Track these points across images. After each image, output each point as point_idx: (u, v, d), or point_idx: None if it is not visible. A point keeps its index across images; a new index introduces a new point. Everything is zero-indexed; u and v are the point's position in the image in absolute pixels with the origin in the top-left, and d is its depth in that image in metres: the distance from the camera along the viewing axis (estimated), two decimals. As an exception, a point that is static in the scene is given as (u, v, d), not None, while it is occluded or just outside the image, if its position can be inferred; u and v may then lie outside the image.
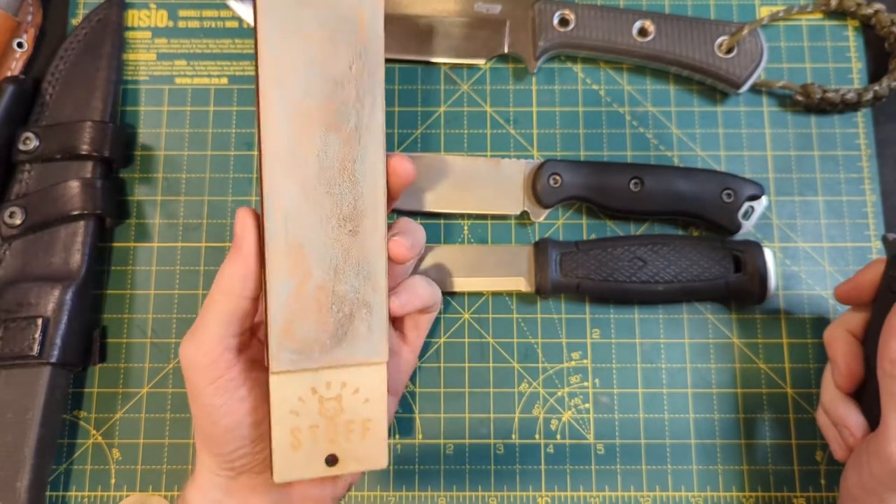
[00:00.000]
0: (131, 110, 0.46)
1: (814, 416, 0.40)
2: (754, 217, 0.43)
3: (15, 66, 0.46)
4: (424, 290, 0.35)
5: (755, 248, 0.42)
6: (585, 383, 0.43)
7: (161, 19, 0.48)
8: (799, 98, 0.45)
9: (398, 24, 0.46)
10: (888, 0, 0.46)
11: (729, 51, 0.45)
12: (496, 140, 0.46)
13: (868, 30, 0.47)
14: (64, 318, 0.40)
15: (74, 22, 0.47)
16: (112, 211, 0.43)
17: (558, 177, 0.43)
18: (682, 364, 0.43)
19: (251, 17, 0.46)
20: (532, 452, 0.42)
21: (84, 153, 0.42)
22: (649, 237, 0.42)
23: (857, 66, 0.47)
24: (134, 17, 0.48)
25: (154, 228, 0.45)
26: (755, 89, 0.46)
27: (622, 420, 0.42)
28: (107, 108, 0.44)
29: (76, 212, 0.42)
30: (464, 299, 0.44)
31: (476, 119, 0.46)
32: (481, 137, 0.46)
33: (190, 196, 0.45)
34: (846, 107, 0.45)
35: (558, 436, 0.42)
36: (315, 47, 0.30)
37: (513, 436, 0.42)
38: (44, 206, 0.42)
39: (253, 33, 0.30)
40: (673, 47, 0.45)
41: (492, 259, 0.43)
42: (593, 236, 0.45)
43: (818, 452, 0.42)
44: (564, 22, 0.45)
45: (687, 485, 0.41)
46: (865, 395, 0.35)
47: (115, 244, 0.45)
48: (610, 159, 0.45)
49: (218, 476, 0.33)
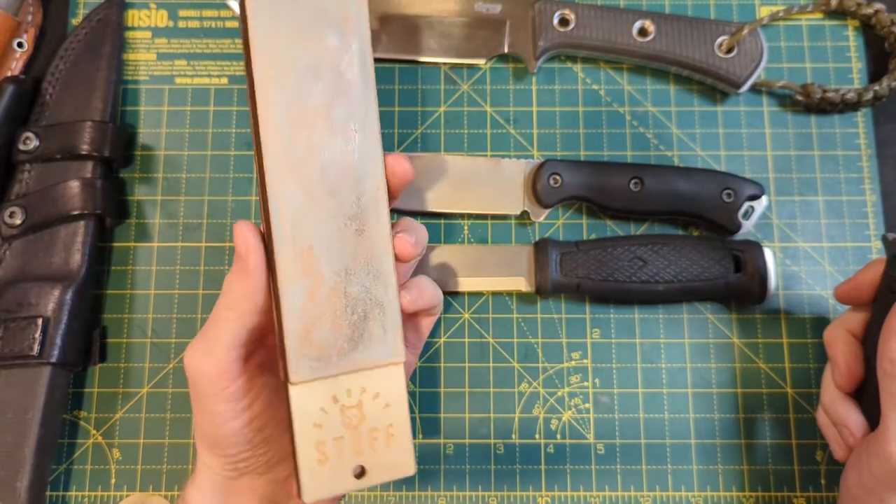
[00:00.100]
0: (131, 110, 0.46)
1: (814, 416, 0.40)
2: (754, 217, 0.43)
3: (15, 66, 0.46)
4: (431, 288, 0.35)
5: (755, 248, 0.42)
6: (585, 383, 0.43)
7: (161, 19, 0.48)
8: (799, 98, 0.45)
9: (398, 24, 0.46)
10: (888, 0, 0.46)
11: (729, 51, 0.45)
12: (496, 140, 0.46)
13: (868, 30, 0.47)
14: (64, 318, 0.40)
15: (74, 22, 0.47)
16: (112, 211, 0.43)
17: (558, 177, 0.43)
18: (682, 364, 0.43)
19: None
20: (532, 452, 0.42)
21: (84, 153, 0.42)
22: (649, 237, 0.42)
23: (857, 66, 0.47)
24: (134, 17, 0.48)
25: (154, 228, 0.45)
26: (755, 89, 0.46)
27: (622, 420, 0.42)
28: (107, 108, 0.44)
29: (76, 212, 0.42)
30: (464, 299, 0.44)
31: (476, 119, 0.46)
32: (481, 137, 0.46)
33: (190, 196, 0.45)
34: (846, 107, 0.45)
35: (558, 436, 0.42)
36: (306, 47, 0.30)
37: (513, 436, 0.42)
38: (44, 206, 0.42)
39: (242, 37, 0.30)
40: (673, 47, 0.45)
41: (492, 259, 0.43)
42: (593, 236, 0.45)
43: (818, 452, 0.42)
44: (564, 22, 0.45)
45: (687, 485, 0.41)
46: (865, 395, 0.35)
47: (115, 244, 0.45)
48: (610, 159, 0.45)
49: (219, 476, 0.33)
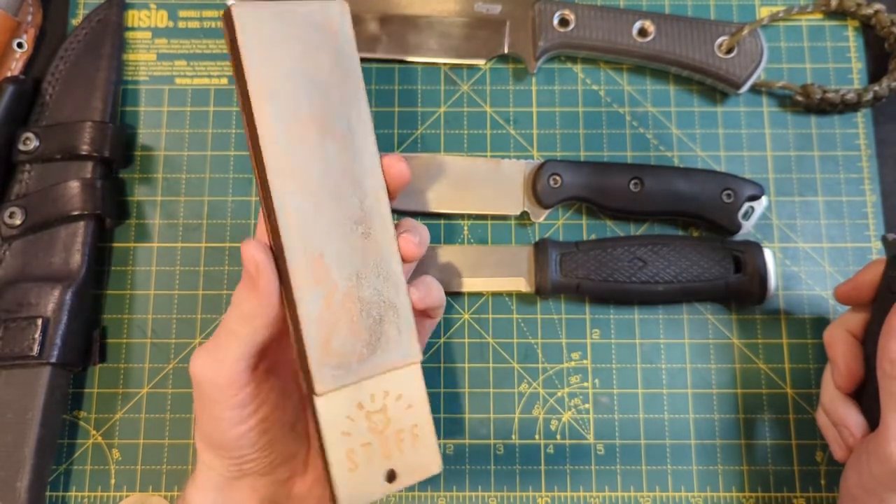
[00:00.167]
0: (131, 110, 0.46)
1: (814, 417, 0.40)
2: (754, 217, 0.43)
3: (15, 66, 0.46)
4: (436, 287, 0.35)
5: (755, 249, 0.42)
6: (585, 383, 0.43)
7: (161, 19, 0.48)
8: (799, 98, 0.45)
9: (398, 24, 0.46)
10: (888, 0, 0.46)
11: (729, 51, 0.45)
12: (496, 140, 0.46)
13: (868, 30, 0.47)
14: (64, 319, 0.40)
15: (74, 22, 0.47)
16: (112, 211, 0.43)
17: (558, 177, 0.43)
18: (682, 364, 0.43)
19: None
20: (532, 453, 0.42)
21: (84, 153, 0.42)
22: (649, 237, 0.42)
23: (857, 67, 0.47)
24: (134, 18, 0.48)
25: (154, 228, 0.45)
26: (755, 89, 0.46)
27: (622, 420, 0.42)
28: (107, 109, 0.44)
29: (76, 212, 0.42)
30: (464, 299, 0.44)
31: (476, 119, 0.46)
32: (481, 138, 0.46)
33: (190, 196, 0.45)
34: (846, 107, 0.45)
35: (558, 436, 0.42)
36: (295, 56, 0.30)
37: (513, 436, 0.42)
38: (44, 207, 0.42)
39: (230, 53, 0.30)
40: (673, 47, 0.45)
41: (492, 259, 0.43)
42: (593, 236, 0.45)
43: (818, 452, 0.42)
44: (564, 22, 0.45)
45: (687, 485, 0.41)
46: (865, 395, 0.35)
47: (115, 244, 0.45)
48: (610, 159, 0.45)
49: (221, 476, 0.33)
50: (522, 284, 0.42)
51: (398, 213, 0.44)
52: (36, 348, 0.39)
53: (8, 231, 0.42)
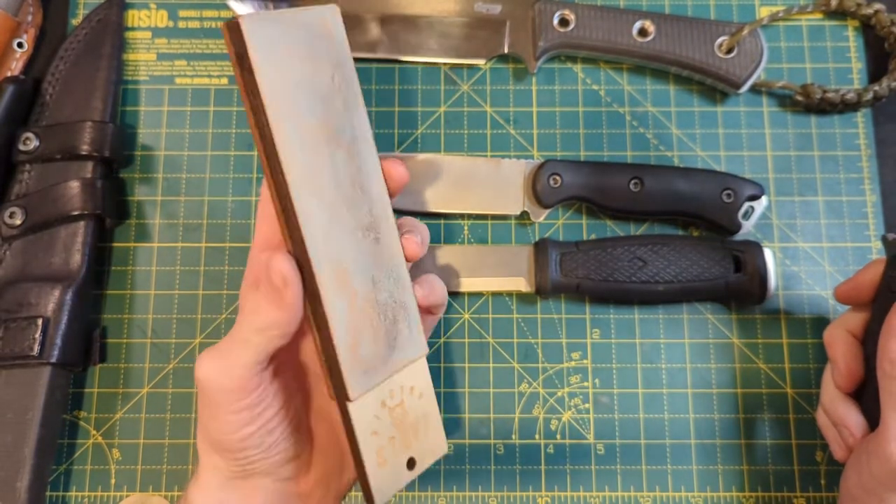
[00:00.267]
0: (131, 110, 0.46)
1: (814, 416, 0.40)
2: (754, 217, 0.43)
3: (15, 66, 0.46)
4: (439, 284, 0.35)
5: (755, 248, 0.42)
6: (585, 383, 0.43)
7: (161, 19, 0.48)
8: (799, 98, 0.45)
9: (398, 24, 0.46)
10: (888, 0, 0.46)
11: (729, 51, 0.45)
12: (496, 140, 0.46)
13: (868, 30, 0.47)
14: (64, 318, 0.40)
15: (74, 22, 0.47)
16: (112, 211, 0.43)
17: (558, 177, 0.43)
18: (682, 364, 0.43)
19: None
20: (532, 452, 0.42)
21: (84, 153, 0.42)
22: (649, 237, 0.42)
23: (857, 67, 0.47)
24: (134, 18, 0.48)
25: (154, 228, 0.45)
26: (755, 89, 0.46)
27: (622, 420, 0.42)
28: (107, 109, 0.44)
29: (76, 212, 0.42)
30: (464, 299, 0.44)
31: (476, 119, 0.46)
32: (481, 138, 0.46)
33: (190, 196, 0.45)
34: (846, 107, 0.45)
35: (558, 436, 0.42)
36: (302, 68, 0.30)
37: (513, 436, 0.42)
38: (44, 207, 0.42)
39: (236, 65, 0.29)
40: (673, 47, 0.45)
41: (492, 259, 0.43)
42: (593, 236, 0.45)
43: (818, 452, 0.42)
44: (564, 22, 0.45)
45: (687, 485, 0.41)
46: (865, 395, 0.35)
47: (115, 244, 0.45)
48: (610, 159, 0.45)
49: (225, 476, 0.33)
50: (522, 284, 0.42)
51: (398, 213, 0.44)
52: (36, 348, 0.39)
53: (8, 231, 0.42)
